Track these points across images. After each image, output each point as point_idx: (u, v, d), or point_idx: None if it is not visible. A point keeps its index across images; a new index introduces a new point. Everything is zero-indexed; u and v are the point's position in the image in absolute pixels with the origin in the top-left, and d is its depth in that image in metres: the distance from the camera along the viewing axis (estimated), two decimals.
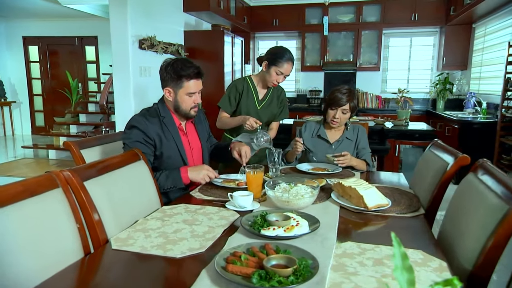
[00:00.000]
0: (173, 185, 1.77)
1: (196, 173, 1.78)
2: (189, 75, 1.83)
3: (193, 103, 1.90)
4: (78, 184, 1.23)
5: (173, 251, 1.16)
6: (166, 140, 1.86)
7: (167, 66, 1.85)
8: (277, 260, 1.01)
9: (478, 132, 4.40)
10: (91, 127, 7.08)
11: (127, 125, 1.87)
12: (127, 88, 4.18)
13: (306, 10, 6.58)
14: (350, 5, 6.36)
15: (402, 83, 6.66)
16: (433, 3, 6.06)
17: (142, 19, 4.30)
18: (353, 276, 0.98)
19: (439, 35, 6.42)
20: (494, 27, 5.15)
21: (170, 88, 1.87)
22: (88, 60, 8.55)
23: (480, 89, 5.48)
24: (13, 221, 1.00)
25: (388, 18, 6.29)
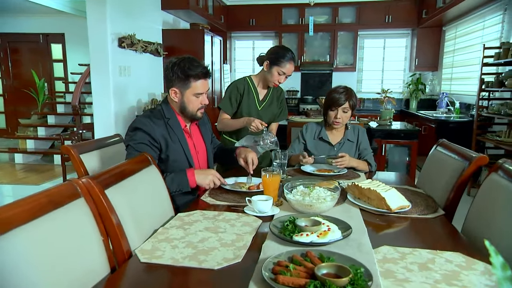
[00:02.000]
0: (179, 188, 1.68)
1: (203, 177, 1.72)
2: (197, 75, 1.75)
3: (200, 104, 1.82)
4: (100, 193, 1.14)
5: (208, 262, 1.10)
6: (172, 143, 1.78)
7: (174, 66, 1.75)
8: (327, 269, 0.98)
9: (454, 130, 4.58)
10: (61, 129, 6.76)
11: (131, 126, 1.77)
12: (107, 88, 4.00)
13: (283, 10, 6.59)
14: (326, 6, 6.43)
15: (377, 83, 6.83)
16: (405, 6, 6.25)
17: (121, 16, 4.13)
18: (406, 283, 0.97)
19: (410, 37, 6.63)
20: (464, 30, 5.38)
21: (177, 88, 1.78)
22: (55, 58, 8.14)
23: (452, 90, 5.71)
24: (40, 237, 0.90)
25: (363, 20, 6.42)
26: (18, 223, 0.86)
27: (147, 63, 4.76)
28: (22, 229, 0.86)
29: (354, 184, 1.66)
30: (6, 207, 0.86)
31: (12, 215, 0.86)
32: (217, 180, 1.74)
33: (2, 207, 0.86)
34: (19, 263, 0.82)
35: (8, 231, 0.82)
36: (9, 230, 0.83)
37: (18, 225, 0.85)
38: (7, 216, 0.85)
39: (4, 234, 0.81)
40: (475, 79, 4.99)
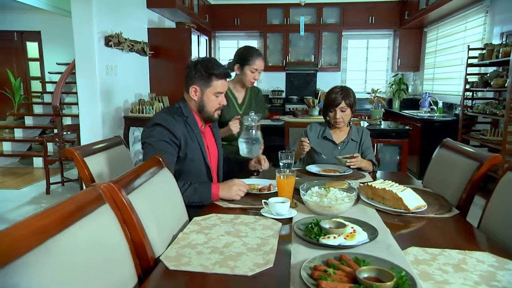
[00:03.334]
0: (200, 200, 1.62)
1: (227, 190, 1.64)
2: (220, 74, 1.77)
3: (218, 104, 1.83)
4: (124, 198, 1.08)
5: (240, 268, 1.06)
6: (190, 141, 1.77)
7: (197, 64, 1.78)
8: (368, 272, 0.96)
9: (439, 130, 4.68)
10: (38, 130, 6.52)
11: (150, 123, 1.75)
12: (93, 88, 3.88)
13: (268, 10, 6.58)
14: (310, 6, 6.46)
15: (360, 83, 6.92)
16: (388, 7, 6.36)
17: (107, 14, 4.02)
18: (447, 285, 0.96)
19: (393, 38, 6.75)
20: (446, 32, 5.52)
21: (198, 86, 1.79)
22: (30, 57, 7.84)
23: (434, 89, 5.85)
24: (72, 247, 0.84)
25: (347, 21, 6.49)
26: (52, 233, 0.80)
27: (133, 62, 4.65)
28: (55, 240, 0.80)
29: (367, 184, 1.66)
30: (37, 217, 0.80)
31: (45, 224, 0.80)
32: (243, 187, 1.67)
33: (33, 216, 0.80)
34: (56, 277, 0.77)
35: (43, 242, 0.77)
36: (45, 241, 0.77)
37: (52, 235, 0.80)
38: (40, 225, 0.79)
39: (38, 246, 0.75)
40: (457, 79, 5.13)
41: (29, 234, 0.75)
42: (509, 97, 3.35)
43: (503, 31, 4.12)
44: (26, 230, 0.76)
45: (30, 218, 0.79)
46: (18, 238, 0.73)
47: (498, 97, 4.07)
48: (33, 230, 0.77)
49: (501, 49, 3.60)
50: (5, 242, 0.70)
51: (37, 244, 0.75)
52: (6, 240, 0.71)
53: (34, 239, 0.75)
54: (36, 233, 0.77)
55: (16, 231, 0.74)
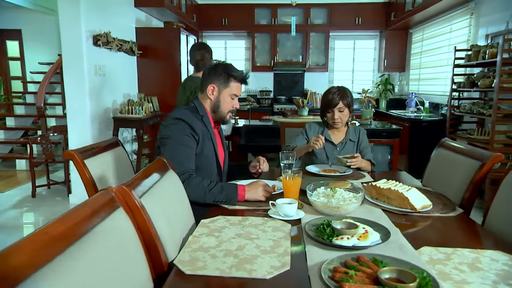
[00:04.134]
0: (226, 199, 1.61)
1: (253, 192, 1.63)
2: (239, 77, 1.83)
3: (232, 107, 1.87)
4: (138, 202, 1.05)
5: (257, 271, 1.04)
6: (207, 139, 1.80)
7: (217, 65, 1.85)
8: (389, 273, 0.96)
9: (426, 129, 4.77)
10: (20, 132, 6.34)
11: (170, 117, 1.77)
12: (82, 88, 3.79)
13: (255, 10, 6.57)
14: (298, 7, 6.47)
15: (347, 83, 6.98)
16: (374, 9, 6.44)
17: (95, 13, 3.93)
18: (466, 285, 0.97)
19: (379, 38, 6.84)
20: (431, 33, 5.62)
21: (216, 85, 1.83)
22: (11, 56, 7.62)
23: (420, 90, 5.95)
24: (93, 254, 0.81)
25: (334, 21, 6.54)
26: (72, 239, 0.77)
27: (121, 62, 4.56)
28: (76, 247, 0.77)
29: (371, 184, 1.67)
30: (56, 224, 0.77)
31: (64, 231, 0.77)
32: (269, 188, 1.68)
33: (52, 223, 0.77)
34: (79, 285, 0.74)
35: (65, 250, 0.73)
36: (67, 248, 0.74)
37: (72, 241, 0.77)
38: (60, 232, 0.75)
39: (61, 253, 0.72)
40: (443, 80, 5.23)
41: (51, 242, 0.72)
42: (496, 97, 3.43)
43: (488, 33, 4.22)
44: (47, 236, 0.72)
45: (49, 225, 0.76)
46: (41, 246, 0.70)
47: (484, 97, 4.16)
48: (54, 237, 0.74)
49: (487, 50, 3.69)
50: (27, 252, 0.67)
51: (59, 252, 0.72)
52: (28, 250, 0.67)
53: (56, 246, 0.72)
54: (58, 240, 0.74)
55: (38, 238, 0.71)
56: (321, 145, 2.17)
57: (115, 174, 1.78)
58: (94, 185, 1.60)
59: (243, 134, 3.87)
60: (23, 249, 0.66)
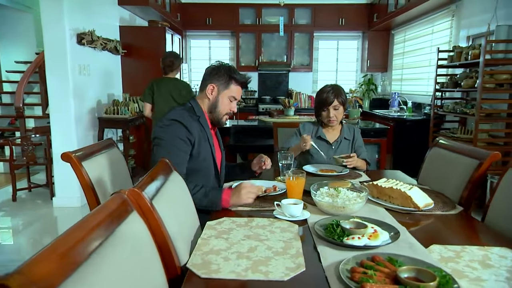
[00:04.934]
0: (208, 205, 1.56)
1: (236, 196, 1.56)
2: (240, 80, 1.80)
3: (229, 110, 1.84)
4: (150, 205, 1.02)
5: (273, 273, 1.03)
6: (203, 141, 1.75)
7: (220, 66, 1.81)
8: (407, 272, 0.97)
9: (411, 128, 4.86)
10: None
11: (165, 118, 1.71)
12: (66, 88, 3.69)
13: (240, 10, 6.55)
14: (282, 7, 6.47)
15: (331, 83, 7.03)
16: (358, 10, 6.53)
17: (79, 11, 3.83)
18: (482, 282, 0.98)
19: (362, 39, 6.93)
20: (413, 34, 5.74)
21: (216, 85, 1.79)
22: None
23: (402, 90, 6.07)
24: (114, 261, 0.78)
25: (318, 22, 6.59)
26: (94, 245, 0.74)
27: (106, 61, 4.46)
28: (98, 253, 0.74)
29: (372, 183, 1.68)
30: (76, 230, 0.74)
31: (86, 237, 0.73)
32: (252, 189, 1.59)
33: (71, 230, 0.73)
34: None
35: (89, 257, 0.70)
36: (90, 255, 0.71)
37: (95, 248, 0.73)
38: (82, 238, 0.72)
39: (86, 261, 0.69)
40: (425, 80, 5.35)
41: (74, 248, 0.69)
42: (480, 97, 3.53)
43: (469, 35, 4.34)
44: (70, 243, 0.69)
45: (70, 232, 0.73)
46: (66, 254, 0.66)
47: (466, 97, 4.28)
48: (77, 243, 0.70)
49: (470, 51, 3.79)
50: (53, 260, 0.63)
51: (84, 259, 0.69)
52: (54, 258, 0.64)
53: (80, 253, 0.69)
54: (81, 247, 0.70)
55: (61, 246, 0.67)
56: (309, 145, 2.18)
57: (112, 176, 1.74)
58: (93, 188, 1.55)
59: (232, 135, 3.85)
60: (49, 257, 0.63)
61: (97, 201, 1.55)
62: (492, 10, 3.76)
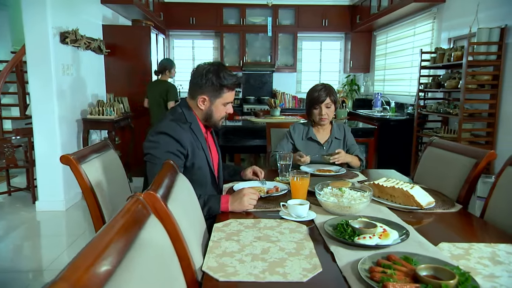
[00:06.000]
0: (208, 214, 1.52)
1: (238, 203, 1.53)
2: (232, 85, 1.71)
3: (225, 113, 1.78)
4: (167, 208, 1.00)
5: (292, 274, 1.03)
6: (197, 149, 1.68)
7: (208, 73, 1.67)
8: (425, 271, 0.98)
9: (395, 128, 4.96)
10: None
11: (154, 131, 1.63)
12: (49, 88, 3.58)
13: (224, 10, 6.52)
14: (266, 8, 6.49)
15: (315, 84, 7.08)
16: (340, 11, 6.61)
17: (62, 9, 3.72)
18: (496, 279, 1.01)
19: (344, 40, 7.02)
20: (395, 36, 5.85)
21: (207, 96, 1.70)
22: None
23: (385, 90, 6.18)
24: (143, 263, 0.76)
25: (301, 22, 6.63)
26: (124, 250, 0.71)
27: (89, 61, 4.35)
28: (128, 258, 0.71)
29: (373, 183, 1.70)
30: (104, 234, 0.71)
31: (115, 240, 0.71)
32: (253, 196, 1.56)
33: (100, 235, 0.71)
34: None
35: (121, 261, 0.68)
36: (122, 259, 0.69)
37: (125, 252, 0.71)
38: (112, 241, 0.70)
39: (119, 265, 0.67)
40: (407, 81, 5.47)
41: (108, 252, 0.66)
42: (463, 97, 3.63)
43: (450, 37, 4.46)
44: (101, 247, 0.67)
45: (100, 236, 0.70)
46: (99, 259, 0.64)
47: (448, 97, 4.40)
48: (107, 246, 0.68)
49: (452, 53, 3.89)
50: (90, 266, 0.61)
51: (117, 263, 0.67)
52: (90, 264, 0.61)
53: (113, 258, 0.67)
54: (113, 251, 0.68)
55: (93, 252, 0.65)
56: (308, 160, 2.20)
57: (111, 178, 1.69)
58: (92, 191, 1.51)
59: (221, 135, 3.83)
60: (86, 263, 0.60)
61: (97, 204, 1.51)
62: (472, 14, 3.88)
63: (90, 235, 3.27)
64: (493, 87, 3.61)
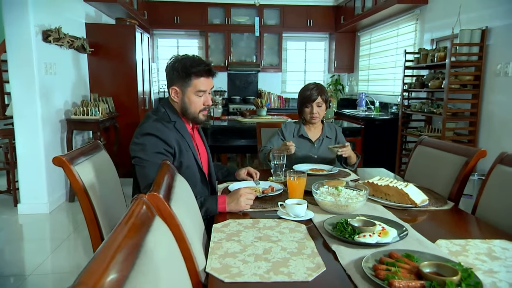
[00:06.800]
0: (205, 214, 1.51)
1: (234, 203, 1.51)
2: (199, 71, 1.66)
3: (203, 105, 1.72)
4: (171, 209, 0.99)
5: (296, 274, 1.03)
6: (184, 148, 1.66)
7: (175, 63, 1.67)
8: (428, 268, 0.99)
9: (380, 127, 5.03)
10: None
11: (139, 132, 1.60)
12: (31, 88, 3.48)
13: (208, 9, 6.48)
14: (251, 7, 6.49)
15: (300, 84, 7.11)
16: (325, 11, 6.66)
17: (44, 6, 3.62)
18: (496, 274, 1.03)
19: (329, 40, 7.09)
20: (379, 36, 5.94)
21: (177, 87, 1.69)
22: None
23: (369, 90, 6.26)
24: (154, 266, 0.75)
25: (286, 22, 6.66)
26: (136, 252, 0.70)
27: (72, 60, 4.26)
28: (141, 260, 0.70)
29: (368, 182, 1.72)
30: (115, 236, 0.70)
31: (126, 243, 0.69)
32: (250, 196, 1.55)
33: (112, 237, 0.69)
34: None
35: (135, 262, 0.67)
36: (135, 260, 0.67)
37: (136, 255, 0.70)
38: (123, 243, 0.68)
39: (133, 268, 0.65)
40: (391, 81, 5.56)
41: (120, 256, 0.65)
42: (446, 97, 3.72)
43: (433, 38, 4.56)
44: (113, 250, 0.65)
45: (111, 240, 0.68)
46: (113, 261, 0.62)
47: (431, 97, 4.49)
48: (119, 249, 0.66)
49: (436, 54, 3.98)
50: (105, 269, 0.59)
51: (130, 266, 0.65)
52: (105, 267, 0.60)
53: (126, 261, 0.65)
54: (125, 255, 0.66)
55: (106, 254, 0.63)
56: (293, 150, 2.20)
57: (104, 180, 1.66)
58: (86, 192, 1.47)
59: (209, 135, 3.80)
60: (102, 266, 0.59)
61: (91, 205, 1.47)
62: (453, 16, 3.97)
63: (76, 238, 3.20)
64: (474, 87, 3.71)
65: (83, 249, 3.02)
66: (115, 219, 1.70)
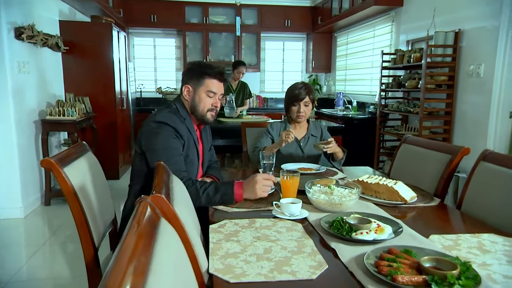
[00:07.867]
0: (221, 200, 1.53)
1: (251, 190, 1.55)
2: (214, 73, 1.75)
3: (211, 105, 1.78)
4: (174, 210, 0.97)
5: (300, 272, 1.04)
6: (191, 145, 1.73)
7: (193, 64, 1.80)
8: (428, 262, 1.02)
9: (359, 126, 5.13)
10: None
11: (152, 120, 1.67)
12: (4, 87, 3.35)
13: (186, 8, 6.41)
14: (229, 7, 6.47)
15: (278, 83, 7.19)
16: (302, 12, 6.73)
17: (15, 2, 3.48)
18: (489, 266, 1.07)
19: (306, 41, 7.16)
20: (356, 37, 6.06)
21: (190, 85, 1.77)
22: None
23: (346, 90, 6.37)
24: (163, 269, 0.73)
25: (264, 22, 6.68)
26: (148, 255, 0.68)
27: (46, 58, 4.11)
28: (153, 263, 0.69)
29: (358, 180, 1.75)
30: (128, 239, 0.68)
31: (139, 246, 0.68)
32: (267, 183, 1.57)
33: (125, 241, 0.67)
34: None
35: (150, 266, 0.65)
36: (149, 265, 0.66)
37: (149, 258, 0.68)
38: (137, 247, 0.67)
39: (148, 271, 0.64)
40: (368, 81, 5.68)
41: (138, 258, 0.63)
42: (423, 96, 3.83)
43: (408, 39, 4.69)
44: (129, 253, 0.64)
45: (126, 243, 0.66)
46: (131, 264, 0.61)
47: (408, 97, 4.62)
48: (136, 250, 0.65)
49: (412, 55, 4.09)
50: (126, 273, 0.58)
51: (148, 268, 0.64)
52: (126, 271, 0.58)
53: (143, 263, 0.64)
54: (140, 257, 0.65)
55: (124, 257, 0.62)
56: (292, 138, 2.22)
57: (92, 182, 1.61)
58: (76, 195, 1.43)
59: None
60: (123, 270, 0.57)
61: (81, 209, 1.43)
62: (428, 18, 4.10)
63: (53, 243, 3.09)
64: (449, 87, 3.84)
65: (61, 255, 2.92)
66: (105, 222, 1.66)
